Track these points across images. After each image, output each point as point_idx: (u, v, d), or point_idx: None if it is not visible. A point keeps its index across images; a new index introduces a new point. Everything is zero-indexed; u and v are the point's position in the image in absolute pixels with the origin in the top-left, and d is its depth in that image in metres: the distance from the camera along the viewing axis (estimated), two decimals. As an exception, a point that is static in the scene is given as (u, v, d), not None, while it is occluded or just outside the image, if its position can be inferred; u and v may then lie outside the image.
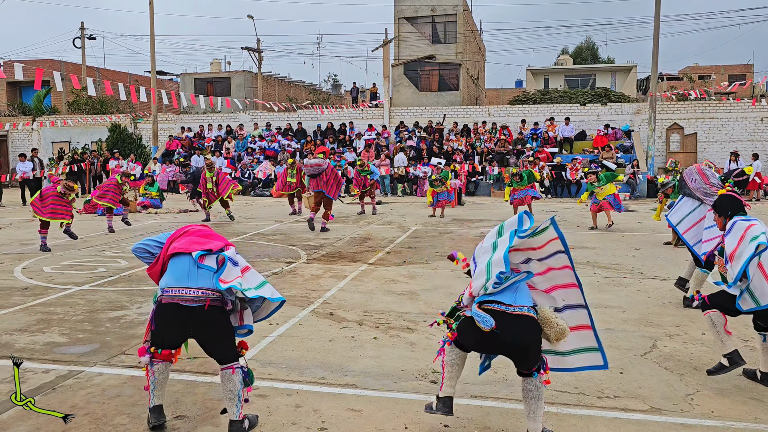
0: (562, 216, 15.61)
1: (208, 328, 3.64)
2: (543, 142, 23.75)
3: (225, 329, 3.70)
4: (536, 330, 3.51)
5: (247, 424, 3.72)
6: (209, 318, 3.60)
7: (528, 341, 3.50)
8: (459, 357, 3.73)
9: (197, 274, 3.66)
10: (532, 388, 3.55)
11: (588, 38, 53.60)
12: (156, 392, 3.76)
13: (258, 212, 16.88)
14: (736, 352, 4.27)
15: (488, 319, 3.42)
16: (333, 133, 26.42)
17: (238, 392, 3.65)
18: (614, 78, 38.18)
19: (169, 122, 28.98)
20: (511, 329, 3.45)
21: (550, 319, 3.52)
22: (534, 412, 3.54)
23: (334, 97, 44.14)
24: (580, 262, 9.23)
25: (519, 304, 3.52)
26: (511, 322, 3.46)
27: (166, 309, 3.64)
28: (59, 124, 27.36)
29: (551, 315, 3.54)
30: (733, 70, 44.30)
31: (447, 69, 30.36)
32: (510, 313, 3.48)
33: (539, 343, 3.56)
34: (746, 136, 23.53)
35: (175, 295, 3.60)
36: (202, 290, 3.60)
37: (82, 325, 6.07)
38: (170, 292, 3.62)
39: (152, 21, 25.50)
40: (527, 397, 3.58)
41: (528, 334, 3.49)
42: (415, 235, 12.22)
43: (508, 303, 3.53)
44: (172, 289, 3.62)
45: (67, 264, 9.33)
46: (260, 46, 35.71)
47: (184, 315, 3.60)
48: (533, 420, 3.54)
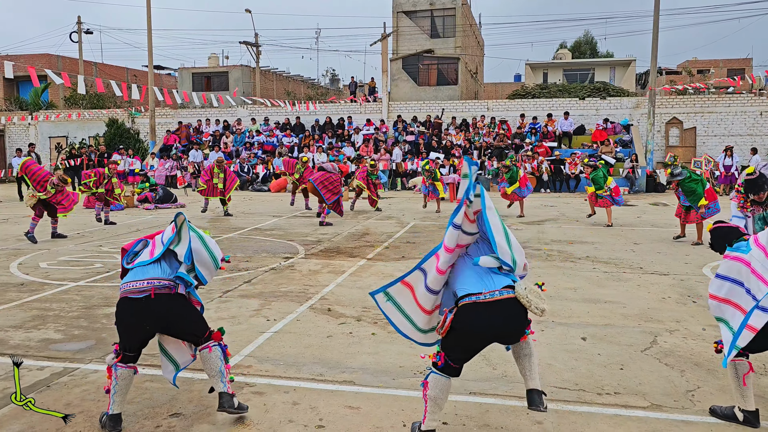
0: (561, 210, 15.57)
1: (162, 315, 3.70)
2: (542, 136, 23.69)
3: (181, 312, 3.77)
4: (514, 312, 3.28)
5: (236, 402, 3.77)
6: (158, 306, 3.67)
7: (509, 327, 3.32)
8: (444, 390, 3.45)
9: (146, 269, 3.79)
10: (522, 346, 3.43)
11: (586, 32, 53.49)
12: (116, 398, 3.69)
13: (256, 207, 16.82)
14: (755, 413, 3.70)
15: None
16: (331, 127, 26.35)
17: (220, 368, 3.76)
18: (613, 72, 38.11)
19: (167, 117, 28.87)
20: (486, 320, 3.25)
21: (523, 298, 3.27)
22: (530, 369, 3.40)
23: (333, 92, 44.00)
24: (580, 257, 9.20)
25: (489, 290, 3.31)
26: (484, 312, 3.25)
27: (119, 306, 3.77)
28: (53, 118, 27.25)
29: (524, 294, 3.27)
30: (732, 64, 44.21)
31: (445, 63, 30.25)
32: (482, 302, 3.27)
33: (523, 324, 3.35)
34: (745, 130, 23.48)
35: (126, 290, 3.74)
36: (147, 280, 3.70)
37: (78, 321, 6.02)
38: (122, 288, 3.78)
39: (149, 15, 25.36)
40: (520, 356, 3.43)
41: (505, 320, 3.28)
42: (413, 230, 12.17)
43: (477, 291, 3.32)
44: (125, 284, 3.78)
45: (64, 260, 9.28)
46: (258, 40, 35.56)
47: (134, 307, 3.69)
48: (530, 378, 3.39)
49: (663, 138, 24.09)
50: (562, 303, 6.58)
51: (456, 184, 18.88)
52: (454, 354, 3.41)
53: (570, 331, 5.62)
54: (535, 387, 3.37)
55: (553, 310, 6.31)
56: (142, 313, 3.67)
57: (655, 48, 22.24)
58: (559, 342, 5.31)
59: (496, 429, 3.72)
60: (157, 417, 3.89)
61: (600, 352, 5.05)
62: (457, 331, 3.34)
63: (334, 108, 27.71)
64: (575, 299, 6.75)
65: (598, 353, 5.02)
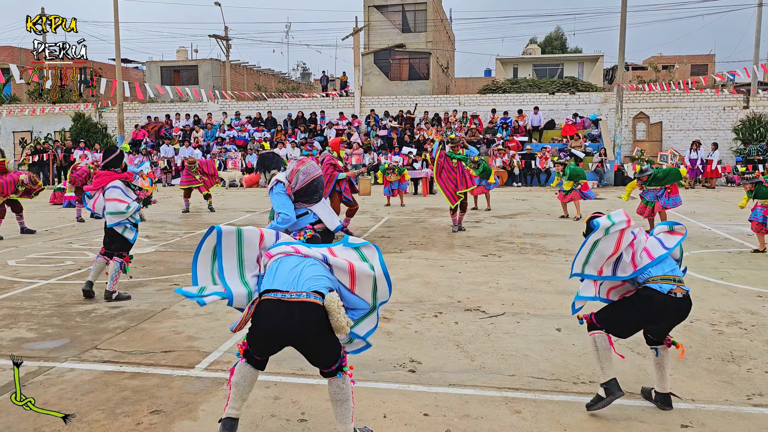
0: (533, 204, 15.79)
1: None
2: (513, 131, 23.95)
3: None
4: (313, 318, 3.12)
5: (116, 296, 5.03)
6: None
7: (301, 331, 3.14)
8: (247, 378, 3.33)
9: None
10: (335, 390, 3.29)
11: (558, 28, 54.15)
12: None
13: (229, 203, 16.68)
14: (613, 382, 3.78)
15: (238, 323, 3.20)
16: (304, 122, 26.22)
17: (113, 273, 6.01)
18: (581, 67, 38.61)
19: (135, 111, 28.38)
20: (277, 318, 3.13)
21: (332, 303, 3.13)
22: (342, 415, 3.30)
23: (304, 86, 43.76)
24: (552, 250, 9.36)
25: (297, 290, 3.16)
26: (280, 309, 3.13)
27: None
28: (16, 112, 26.58)
29: (335, 305, 3.13)
30: (695, 60, 45.17)
31: (417, 58, 30.34)
32: (286, 300, 3.13)
33: (325, 336, 3.17)
34: (709, 125, 24.07)
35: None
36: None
37: (51, 319, 5.92)
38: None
39: (116, 7, 24.86)
40: (332, 400, 3.32)
41: (298, 324, 3.12)
42: (388, 225, 12.22)
43: (284, 289, 3.18)
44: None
45: (33, 257, 9.09)
46: (228, 33, 35.15)
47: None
48: (341, 422, 3.30)
49: (630, 132, 24.56)
50: (536, 295, 6.70)
51: (428, 178, 19.00)
52: (253, 345, 3.31)
53: (545, 322, 5.73)
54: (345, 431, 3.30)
55: (527, 302, 6.43)
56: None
57: (623, 44, 22.63)
58: (535, 333, 5.42)
59: (476, 419, 3.79)
60: (137, 414, 3.87)
61: (575, 342, 5.16)
62: (252, 324, 3.25)
63: (306, 102, 27.57)
64: (549, 291, 6.88)
65: (572, 343, 5.14)
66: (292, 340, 3.23)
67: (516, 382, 4.35)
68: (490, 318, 5.87)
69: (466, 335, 5.36)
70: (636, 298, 3.84)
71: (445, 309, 6.18)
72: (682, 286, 3.79)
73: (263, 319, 3.18)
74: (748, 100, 23.88)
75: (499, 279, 7.49)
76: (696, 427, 3.69)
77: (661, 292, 3.73)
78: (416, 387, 4.26)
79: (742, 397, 4.11)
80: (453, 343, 5.17)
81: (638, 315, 3.82)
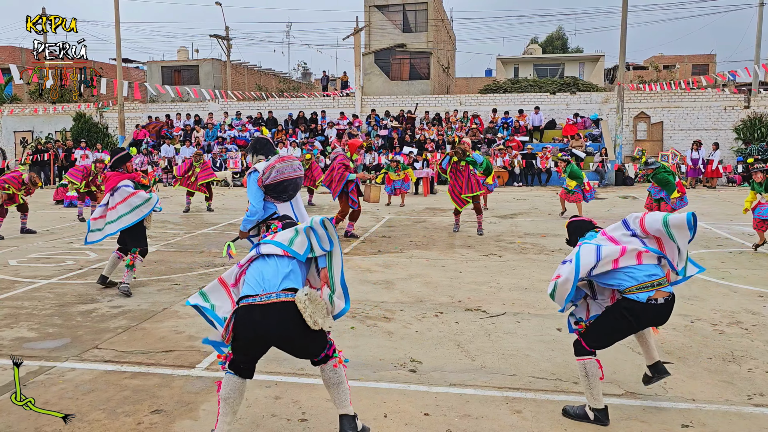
0: (534, 204, 15.78)
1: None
2: (514, 131, 23.94)
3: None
4: (289, 317, 3.17)
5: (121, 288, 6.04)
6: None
7: (282, 331, 3.19)
8: (236, 389, 3.33)
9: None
10: (329, 375, 3.36)
11: (559, 28, 54.14)
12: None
13: (230, 202, 16.69)
14: (605, 412, 3.73)
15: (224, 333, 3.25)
16: (304, 122, 26.22)
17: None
18: (582, 67, 38.61)
19: (136, 111, 28.39)
20: (257, 323, 3.16)
21: (300, 303, 3.17)
22: (339, 398, 3.37)
23: (305, 86, 43.77)
24: (553, 250, 9.35)
25: (267, 292, 3.22)
26: (257, 314, 3.17)
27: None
28: (17, 112, 26.58)
29: (303, 299, 3.17)
30: (696, 60, 45.16)
31: (418, 58, 30.33)
32: (258, 304, 3.18)
33: (306, 330, 3.21)
34: (710, 124, 24.05)
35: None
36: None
37: (52, 319, 5.93)
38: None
39: (117, 7, 24.87)
40: (327, 385, 3.39)
41: (278, 324, 3.17)
42: (388, 225, 12.22)
43: (254, 293, 3.22)
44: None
45: (34, 257, 9.10)
46: (229, 33, 35.16)
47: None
48: (341, 406, 3.37)
49: (631, 132, 24.55)
50: (537, 295, 6.70)
51: (429, 178, 19.00)
52: (237, 355, 3.32)
53: (545, 322, 5.73)
54: (347, 413, 3.37)
55: (528, 302, 6.42)
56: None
57: (624, 44, 22.61)
58: (535, 333, 5.42)
59: (476, 419, 3.79)
60: (138, 414, 3.87)
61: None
62: (235, 332, 3.25)
63: (306, 102, 27.57)
64: (550, 291, 6.87)
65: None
66: (274, 341, 3.27)
67: (517, 381, 4.35)
68: (491, 318, 5.87)
69: (467, 335, 5.36)
70: (618, 312, 3.73)
71: (445, 309, 6.19)
72: (663, 288, 3.69)
73: (242, 326, 3.21)
74: (749, 99, 23.86)
75: (499, 279, 7.49)
76: (697, 426, 3.69)
77: (641, 302, 3.65)
78: (417, 387, 4.26)
79: (742, 397, 4.11)
80: (454, 342, 5.17)
81: (626, 326, 3.73)
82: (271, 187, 5.26)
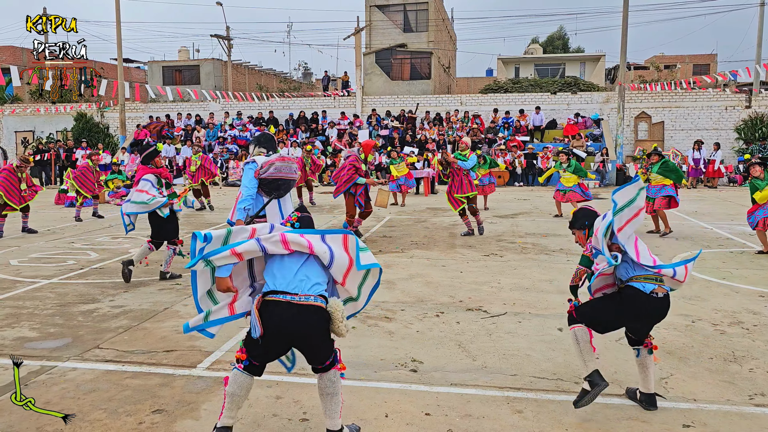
0: (534, 204, 15.78)
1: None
2: (515, 131, 23.94)
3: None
4: (318, 320, 3.23)
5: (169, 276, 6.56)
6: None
7: (308, 332, 3.23)
8: (243, 387, 3.34)
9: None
10: (326, 384, 3.34)
11: (561, 27, 54.11)
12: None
13: (230, 202, 16.68)
14: (596, 373, 3.76)
15: (256, 328, 3.21)
16: (305, 122, 26.23)
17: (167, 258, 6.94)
18: (583, 67, 38.58)
19: (137, 111, 28.40)
20: (286, 318, 3.19)
21: (337, 311, 3.26)
22: (330, 409, 3.35)
23: (305, 86, 43.76)
24: (554, 250, 9.35)
25: (304, 293, 3.24)
26: (289, 310, 3.20)
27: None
28: (18, 112, 26.58)
29: (338, 307, 3.26)
30: (697, 59, 45.11)
31: (419, 57, 30.32)
32: (295, 303, 3.21)
33: (326, 336, 3.30)
34: (711, 124, 24.04)
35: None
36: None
37: (53, 319, 5.93)
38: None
39: (118, 6, 24.88)
40: (322, 394, 3.36)
41: (306, 326, 3.21)
42: (389, 224, 12.22)
43: (292, 292, 3.24)
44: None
45: (35, 257, 9.11)
46: (230, 33, 35.16)
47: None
48: (330, 418, 3.35)
49: (632, 132, 24.54)
50: (538, 295, 6.70)
51: (429, 178, 19.01)
52: (254, 350, 3.33)
53: (547, 322, 5.73)
54: (333, 428, 3.35)
55: (529, 302, 6.42)
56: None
57: (624, 44, 22.61)
58: (536, 333, 5.42)
59: (477, 419, 3.79)
60: (139, 413, 3.88)
61: (576, 342, 5.15)
62: (264, 326, 3.23)
63: (307, 102, 27.58)
64: (551, 291, 6.87)
65: (574, 343, 5.12)
66: (297, 340, 3.30)
67: (518, 381, 4.35)
68: (492, 318, 5.87)
69: (468, 335, 5.36)
70: (618, 296, 3.86)
71: (446, 309, 6.19)
72: (663, 285, 3.79)
73: (271, 319, 3.22)
74: (750, 99, 23.85)
75: (500, 279, 7.49)
76: (698, 426, 3.69)
77: (644, 291, 3.74)
78: (418, 387, 4.26)
79: (743, 397, 4.10)
80: (454, 342, 5.17)
81: (620, 312, 3.82)
82: (266, 182, 5.52)
